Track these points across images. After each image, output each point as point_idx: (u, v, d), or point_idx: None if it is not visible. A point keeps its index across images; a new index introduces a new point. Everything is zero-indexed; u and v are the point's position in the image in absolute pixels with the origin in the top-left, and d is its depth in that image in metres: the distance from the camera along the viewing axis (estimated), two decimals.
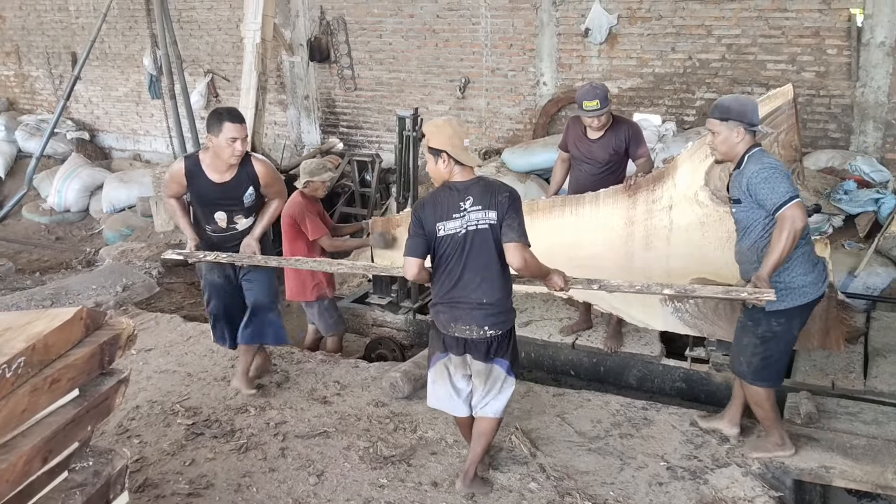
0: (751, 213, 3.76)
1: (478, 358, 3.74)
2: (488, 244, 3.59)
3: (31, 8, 12.12)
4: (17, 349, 2.47)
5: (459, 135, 3.60)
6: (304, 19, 10.02)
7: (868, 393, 4.77)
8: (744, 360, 3.97)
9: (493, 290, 3.65)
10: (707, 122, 3.87)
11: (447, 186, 3.63)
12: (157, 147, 11.82)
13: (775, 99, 4.44)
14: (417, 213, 3.63)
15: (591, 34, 8.29)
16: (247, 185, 4.63)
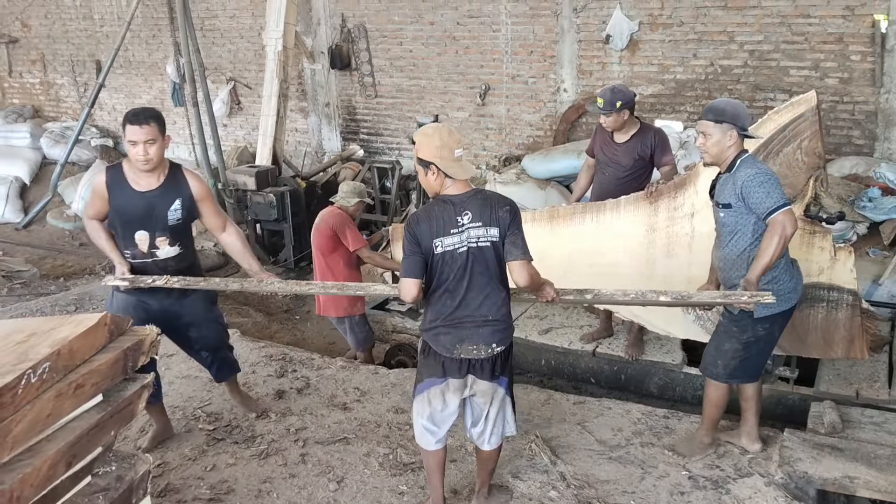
0: (740, 217, 3.75)
1: (483, 377, 3.53)
2: (491, 261, 3.43)
3: (56, 17, 12.28)
4: (42, 354, 2.51)
5: (449, 145, 3.34)
6: (326, 27, 10.08)
7: (893, 402, 4.72)
8: (721, 363, 3.99)
9: (497, 305, 3.48)
10: (699, 123, 3.84)
11: (442, 200, 3.40)
12: (179, 154, 11.92)
13: (798, 105, 4.41)
14: (412, 230, 3.39)
15: (613, 41, 8.27)
16: (174, 197, 4.11)
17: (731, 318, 3.91)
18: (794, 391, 5.04)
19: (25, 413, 2.42)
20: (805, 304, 4.57)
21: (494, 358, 3.51)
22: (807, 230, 4.52)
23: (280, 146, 9.45)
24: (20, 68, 13.04)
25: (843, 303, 4.53)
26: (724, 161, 3.79)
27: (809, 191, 4.48)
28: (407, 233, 3.41)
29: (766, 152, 4.51)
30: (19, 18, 12.57)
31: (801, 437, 4.24)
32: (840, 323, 4.56)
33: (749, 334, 3.88)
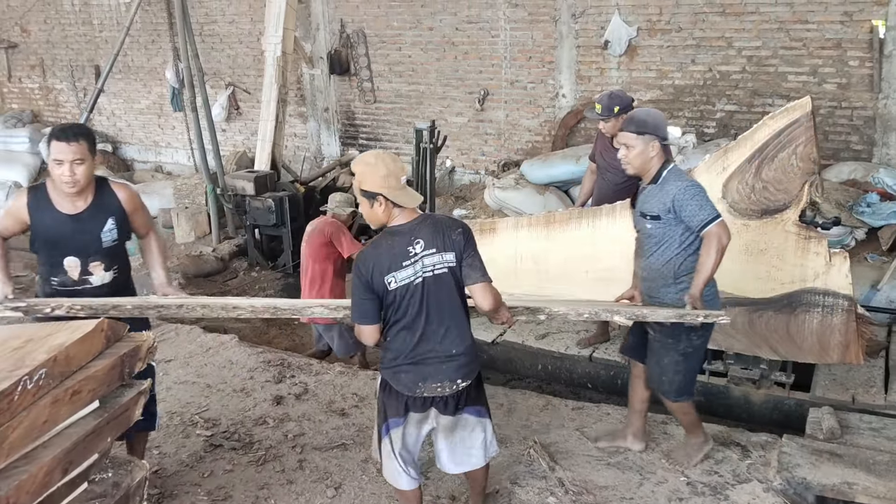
0: (668, 229, 3.73)
1: (446, 412, 3.37)
2: (450, 289, 3.24)
3: (55, 22, 12.30)
4: (38, 361, 2.50)
5: (395, 173, 3.17)
6: (325, 32, 10.09)
7: (889, 407, 4.73)
8: (666, 379, 3.95)
9: (461, 337, 3.30)
10: (620, 135, 3.80)
11: (389, 232, 3.22)
12: (178, 159, 11.93)
13: (793, 111, 4.44)
14: (360, 272, 3.16)
15: (611, 46, 8.28)
16: (106, 217, 3.73)
17: (662, 331, 3.87)
18: (790, 396, 5.05)
19: (21, 419, 2.41)
20: (800, 310, 4.61)
21: (460, 393, 3.35)
22: (802, 235, 4.54)
23: (279, 151, 9.45)
24: (19, 73, 13.06)
25: (839, 308, 4.53)
26: (649, 172, 3.77)
27: (804, 196, 4.49)
28: (355, 275, 3.18)
29: (761, 157, 4.53)
30: (18, 24, 12.59)
31: (800, 442, 4.24)
32: (835, 328, 4.56)
33: (685, 344, 3.86)
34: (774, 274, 4.66)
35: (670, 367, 3.91)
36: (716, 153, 4.77)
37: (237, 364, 5.61)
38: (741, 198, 4.65)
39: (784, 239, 4.58)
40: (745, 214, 4.66)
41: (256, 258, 8.57)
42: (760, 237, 4.65)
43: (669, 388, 3.97)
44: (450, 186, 9.76)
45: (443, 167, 9.83)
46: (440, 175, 9.79)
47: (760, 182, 4.57)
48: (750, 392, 5.13)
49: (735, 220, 4.63)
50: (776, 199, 4.56)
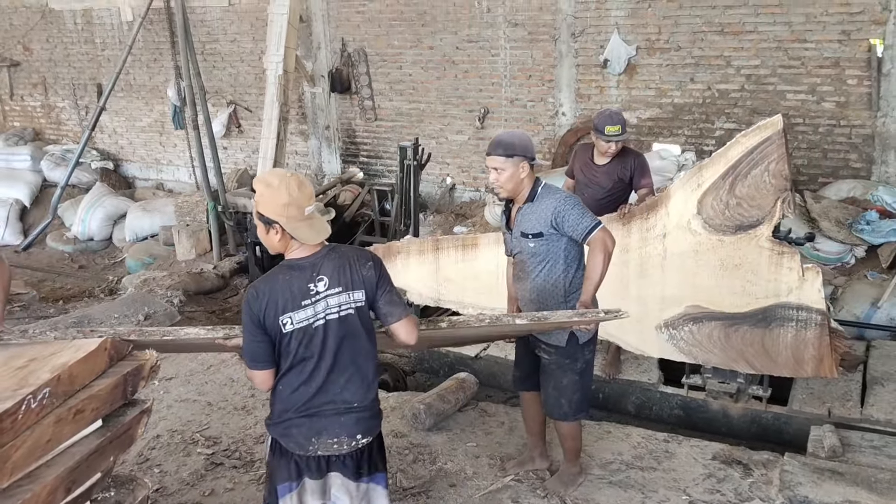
0: (552, 245, 3.73)
1: (348, 476, 2.95)
2: (355, 332, 2.89)
3: (57, 40, 12.36)
4: (42, 380, 2.52)
5: (298, 202, 2.78)
6: (326, 51, 10.15)
7: (864, 421, 4.79)
8: (565, 400, 3.92)
9: (362, 387, 2.94)
10: (489, 159, 3.72)
11: (287, 266, 2.84)
12: (179, 176, 11.96)
13: (765, 129, 4.50)
14: (251, 309, 2.76)
15: (610, 65, 8.33)
16: None
17: (559, 353, 3.85)
18: (768, 410, 5.11)
19: (25, 439, 2.42)
20: (775, 324, 4.66)
21: (360, 453, 2.97)
22: (775, 251, 4.60)
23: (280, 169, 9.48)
24: (21, 91, 13.11)
25: (812, 322, 4.58)
26: (522, 193, 3.77)
27: (777, 212, 4.56)
28: (246, 312, 2.78)
29: (734, 174, 4.60)
30: (21, 42, 12.66)
31: (802, 461, 4.23)
32: (809, 342, 4.61)
33: (581, 361, 3.88)
34: (749, 289, 4.72)
35: (569, 387, 3.89)
36: (691, 170, 4.85)
37: (238, 382, 5.60)
38: (716, 214, 4.72)
39: (758, 254, 4.65)
40: (720, 230, 4.73)
41: (257, 275, 8.55)
42: (735, 252, 4.72)
43: (569, 409, 3.93)
44: (450, 204, 9.79)
45: (443, 185, 9.87)
46: (441, 192, 9.83)
47: (734, 198, 4.64)
48: (728, 406, 5.20)
49: (710, 236, 4.73)
50: (750, 215, 4.62)
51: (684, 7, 7.84)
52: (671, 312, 4.98)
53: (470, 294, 5.76)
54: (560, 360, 3.86)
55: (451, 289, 5.82)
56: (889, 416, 4.81)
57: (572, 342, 3.81)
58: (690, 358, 5.04)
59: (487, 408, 5.14)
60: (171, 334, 3.08)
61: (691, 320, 4.91)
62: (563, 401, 3.92)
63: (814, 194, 7.38)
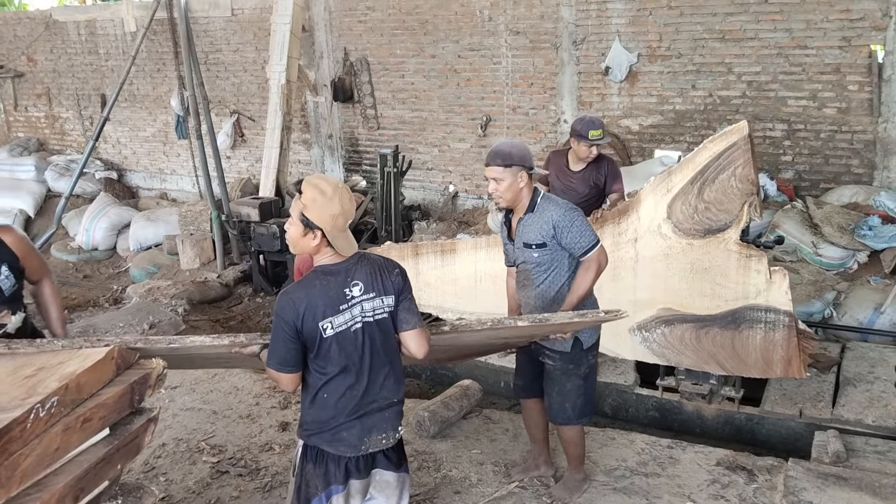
0: (556, 253, 3.74)
1: (389, 468, 3.05)
2: (389, 334, 3.00)
3: (61, 51, 12.43)
4: (50, 389, 2.53)
5: (346, 215, 2.85)
6: (329, 60, 10.20)
7: (835, 421, 4.87)
8: (569, 405, 3.94)
9: (398, 382, 3.06)
10: (488, 169, 3.72)
11: (322, 272, 2.89)
12: (183, 186, 12.01)
13: (731, 135, 4.56)
14: (286, 313, 2.79)
15: (612, 72, 8.36)
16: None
17: (563, 358, 3.86)
18: (740, 411, 5.17)
19: (34, 447, 2.44)
20: (744, 326, 4.74)
21: (398, 444, 3.10)
22: (743, 254, 4.67)
23: (283, 178, 9.52)
24: (26, 102, 13.18)
25: (780, 324, 4.65)
26: (521, 202, 3.77)
27: (744, 216, 4.63)
28: (280, 318, 2.80)
29: (702, 179, 4.67)
30: (25, 53, 12.73)
31: (806, 466, 4.24)
32: (778, 343, 4.68)
33: (585, 366, 3.90)
34: (719, 291, 4.79)
35: (573, 391, 3.91)
36: (660, 175, 4.92)
37: (243, 390, 5.62)
38: (685, 218, 4.79)
39: (727, 257, 4.72)
40: (689, 234, 4.80)
41: (261, 284, 8.60)
42: (704, 256, 4.79)
43: (573, 414, 3.95)
44: (453, 211, 9.82)
45: (446, 192, 9.90)
46: (443, 200, 9.85)
47: (703, 203, 4.71)
48: (702, 407, 5.27)
49: (680, 240, 4.82)
50: (718, 219, 4.70)
51: (685, 14, 7.88)
52: (643, 315, 5.07)
53: (449, 299, 5.85)
54: (564, 365, 3.88)
55: (431, 294, 5.90)
56: (858, 416, 4.91)
57: (577, 347, 3.83)
58: (663, 360, 5.12)
59: (492, 415, 5.15)
60: (177, 342, 3.09)
61: (663, 323, 5.00)
62: (567, 405, 3.94)
63: (816, 200, 7.39)
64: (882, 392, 5.16)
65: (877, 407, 4.98)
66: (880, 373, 5.40)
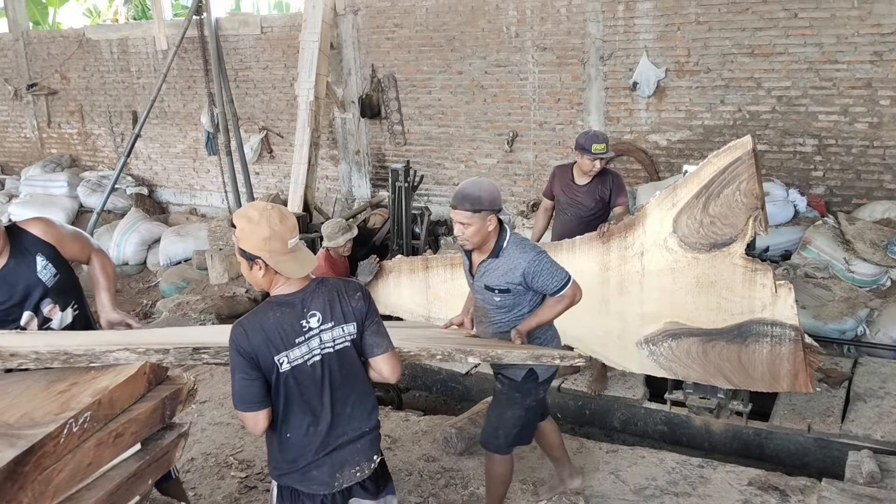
0: (518, 297, 3.68)
1: (367, 497, 2.94)
2: (352, 363, 2.84)
3: (94, 69, 12.63)
4: (84, 404, 2.56)
5: (281, 235, 2.68)
6: (356, 77, 10.27)
7: (843, 436, 4.88)
8: (503, 433, 3.84)
9: (367, 410, 2.91)
10: (454, 213, 3.57)
11: (276, 303, 2.74)
12: (212, 201, 12.12)
13: (735, 150, 4.58)
14: (242, 348, 2.65)
15: (639, 88, 8.34)
16: (32, 257, 3.42)
17: (513, 386, 3.78)
18: (749, 426, 5.16)
19: (67, 462, 2.46)
20: (750, 340, 4.74)
21: (376, 471, 2.96)
22: (749, 268, 4.67)
23: (311, 193, 9.58)
24: (59, 119, 13.39)
25: (786, 338, 4.64)
26: (487, 244, 3.65)
27: (749, 230, 4.64)
28: (235, 351, 2.66)
29: (707, 194, 4.69)
30: (59, 71, 12.95)
31: (840, 486, 4.17)
32: (784, 357, 4.68)
33: (532, 398, 3.80)
34: (724, 305, 4.80)
35: (511, 421, 3.81)
36: (665, 189, 4.96)
37: None
38: (690, 232, 4.81)
39: (732, 271, 4.73)
40: (695, 248, 4.82)
41: None
42: (710, 270, 4.81)
43: (504, 442, 3.84)
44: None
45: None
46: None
47: (708, 217, 4.73)
48: (710, 422, 5.27)
49: (686, 254, 4.85)
50: (723, 233, 4.72)
51: (713, 29, 7.84)
52: (650, 329, 5.08)
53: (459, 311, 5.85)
54: (511, 392, 3.79)
55: (441, 307, 5.94)
56: (867, 431, 4.88)
57: (530, 378, 3.74)
58: (670, 373, 5.13)
59: None
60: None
61: (670, 336, 5.00)
62: (500, 432, 3.84)
63: (848, 216, 7.30)
64: (892, 407, 5.13)
65: (886, 422, 4.95)
66: (891, 388, 5.38)
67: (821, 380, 5.42)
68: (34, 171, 12.72)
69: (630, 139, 8.58)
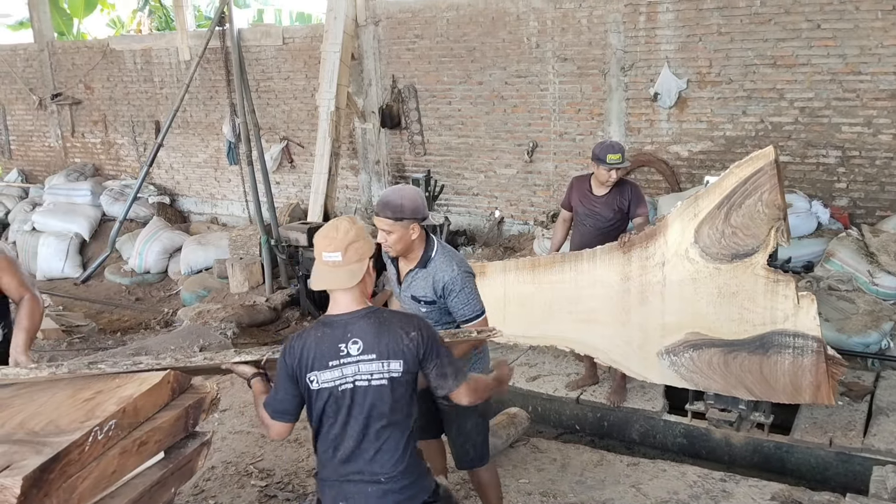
0: (444, 310, 3.57)
1: None
2: (388, 402, 2.70)
3: (118, 79, 12.77)
4: (109, 412, 2.58)
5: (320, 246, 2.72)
6: (377, 88, 10.32)
7: (865, 451, 4.81)
8: (470, 447, 3.76)
9: (392, 459, 2.73)
10: (376, 220, 3.50)
11: (322, 323, 2.74)
12: (233, 211, 12.20)
13: (758, 160, 4.58)
14: (286, 362, 2.70)
15: (661, 98, 8.32)
16: None
17: None
18: (770, 439, 5.10)
19: (91, 469, 2.48)
20: (772, 351, 4.72)
21: None
22: (771, 279, 4.66)
23: (331, 203, 9.63)
24: (82, 129, 13.54)
25: (808, 349, 4.62)
26: (413, 253, 3.56)
27: (771, 241, 4.64)
28: (281, 365, 2.72)
29: (729, 204, 4.70)
30: (83, 81, 13.10)
31: (864, 502, 4.12)
32: (806, 369, 4.65)
33: (483, 403, 3.60)
34: (746, 315, 4.78)
35: (474, 430, 3.74)
36: (687, 200, 4.96)
37: None
38: (712, 242, 4.81)
39: (754, 282, 4.72)
40: (717, 258, 4.82)
41: (308, 308, 8.67)
42: (732, 280, 4.80)
43: (476, 454, 3.77)
44: (499, 237, 9.81)
45: (492, 218, 9.90)
46: (489, 226, 9.86)
47: (730, 227, 4.73)
48: (730, 435, 5.22)
49: (707, 264, 4.84)
50: (745, 243, 4.72)
51: (735, 40, 7.81)
52: (672, 339, 5.06)
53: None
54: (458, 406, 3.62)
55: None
56: (890, 445, 4.82)
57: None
58: (692, 384, 5.10)
59: (539, 444, 5.11)
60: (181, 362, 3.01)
61: (691, 347, 4.98)
62: (468, 447, 3.76)
63: (872, 228, 7.23)
64: None
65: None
66: None
67: (843, 393, 5.38)
68: (58, 180, 12.86)
69: (651, 150, 8.55)
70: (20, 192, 13.53)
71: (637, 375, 5.36)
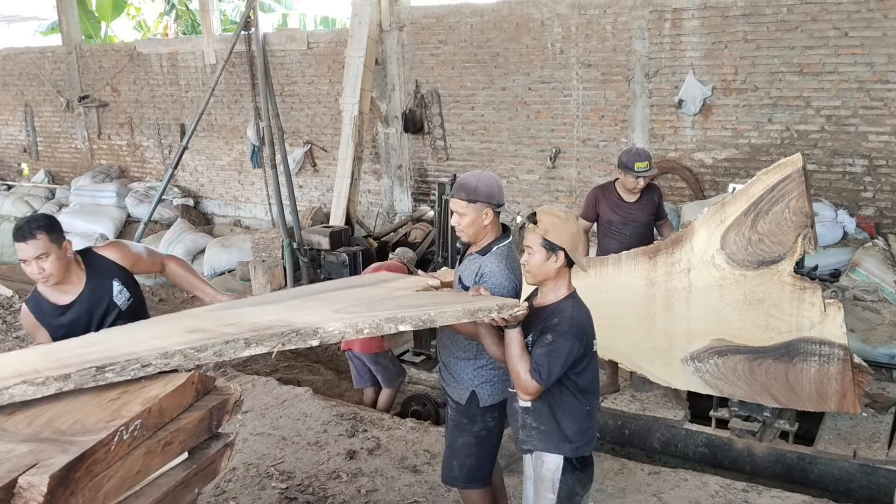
0: None
1: None
2: None
3: (144, 82, 12.90)
4: (134, 412, 2.59)
5: (579, 235, 3.21)
6: (400, 93, 10.35)
7: (890, 463, 4.77)
8: (457, 463, 3.67)
9: None
10: (451, 202, 3.50)
11: (579, 297, 3.25)
12: (256, 213, 12.28)
13: (785, 167, 4.59)
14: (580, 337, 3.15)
15: (685, 105, 8.28)
16: (109, 282, 3.59)
17: (459, 410, 3.62)
18: (792, 450, 5.08)
19: (116, 469, 2.49)
20: (798, 358, 4.71)
21: None
22: (797, 286, 4.66)
23: (353, 207, 9.66)
24: (109, 131, 13.69)
25: (835, 357, 4.60)
26: (483, 240, 3.52)
27: (798, 248, 4.63)
28: (576, 341, 3.10)
29: (756, 211, 4.70)
30: (110, 84, 13.25)
31: None
32: (832, 377, 4.63)
33: (480, 426, 3.61)
34: (772, 323, 4.77)
35: (463, 449, 3.65)
36: (714, 206, 4.96)
37: (311, 417, 5.68)
38: (738, 249, 4.81)
39: (780, 289, 4.71)
40: (743, 265, 4.82)
41: None
42: (758, 287, 4.79)
43: (460, 474, 3.68)
44: (521, 242, 9.77)
45: (513, 223, 9.88)
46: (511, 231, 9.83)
47: (756, 234, 4.73)
48: (752, 445, 5.19)
49: (733, 271, 4.85)
50: (772, 250, 4.72)
51: (761, 48, 7.76)
52: (697, 345, 5.05)
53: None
54: (459, 417, 3.65)
55: None
56: None
57: (472, 403, 3.58)
58: (716, 391, 5.09)
59: None
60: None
61: (716, 353, 4.97)
62: (454, 462, 3.69)
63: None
64: None
65: None
66: None
67: (867, 404, 5.33)
68: (84, 181, 13.01)
69: (675, 157, 8.51)
70: (47, 193, 13.70)
71: (661, 381, 5.36)
